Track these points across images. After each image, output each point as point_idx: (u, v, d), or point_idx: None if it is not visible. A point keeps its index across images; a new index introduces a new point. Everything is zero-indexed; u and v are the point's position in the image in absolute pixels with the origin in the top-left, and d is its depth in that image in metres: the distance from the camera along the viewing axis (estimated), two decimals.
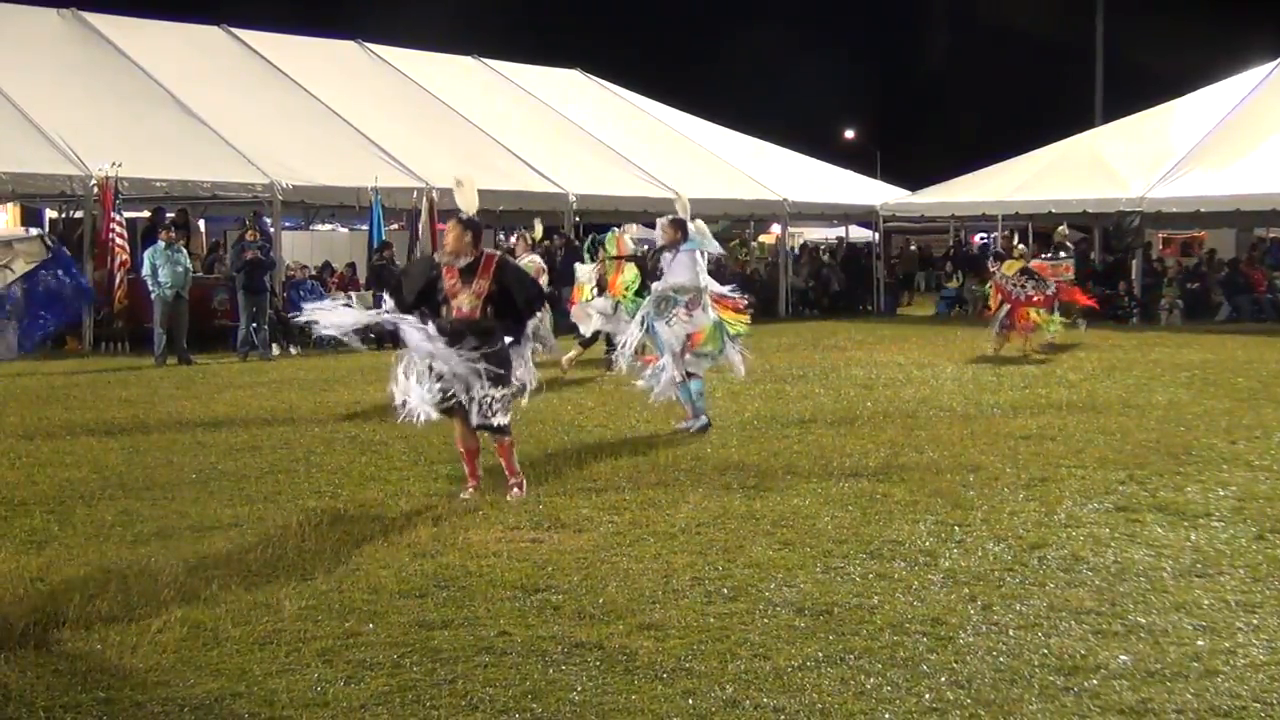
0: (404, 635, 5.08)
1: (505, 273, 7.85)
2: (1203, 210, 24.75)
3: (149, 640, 5.02)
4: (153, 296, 17.00)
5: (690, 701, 4.35)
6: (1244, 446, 9.51)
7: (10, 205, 21.62)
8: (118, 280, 18.47)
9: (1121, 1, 37.60)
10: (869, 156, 44.92)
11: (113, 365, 16.87)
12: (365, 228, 22.54)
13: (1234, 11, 48.10)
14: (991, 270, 18.07)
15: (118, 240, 18.52)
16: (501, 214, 24.62)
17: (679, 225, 10.62)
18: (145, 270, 17.20)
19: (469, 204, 7.93)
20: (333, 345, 10.57)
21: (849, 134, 53.56)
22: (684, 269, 10.36)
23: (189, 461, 9.14)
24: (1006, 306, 17.07)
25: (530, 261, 14.00)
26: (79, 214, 20.07)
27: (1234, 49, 30.54)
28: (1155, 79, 32.53)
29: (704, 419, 10.37)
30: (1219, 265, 26.70)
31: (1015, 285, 17.03)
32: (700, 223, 10.83)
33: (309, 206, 24.14)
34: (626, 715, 4.28)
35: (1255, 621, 5.24)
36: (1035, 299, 16.97)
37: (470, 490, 7.80)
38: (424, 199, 21.69)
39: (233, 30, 25.41)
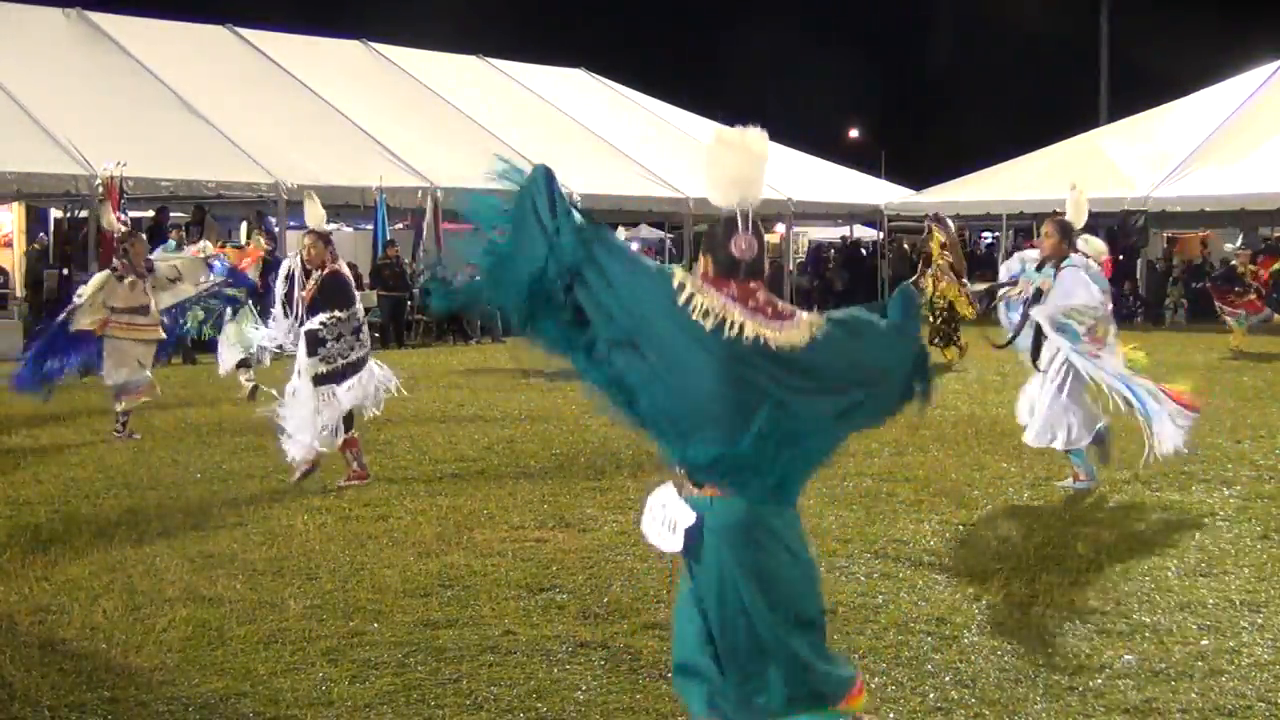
0: (409, 635, 5.09)
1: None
2: (1208, 210, 24.69)
3: (154, 639, 5.03)
4: None
5: None
6: (1249, 446, 9.49)
7: (15, 205, 21.63)
8: None
9: (1126, 1, 37.54)
10: (874, 156, 44.86)
11: None
12: (370, 227, 22.55)
13: (1238, 10, 48.02)
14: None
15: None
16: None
17: (1067, 231, 7.92)
18: None
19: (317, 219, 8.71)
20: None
21: (854, 133, 53.45)
22: (1081, 286, 7.68)
23: (194, 461, 9.15)
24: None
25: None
26: (84, 214, 20.10)
27: (1238, 48, 30.45)
28: (1160, 78, 32.41)
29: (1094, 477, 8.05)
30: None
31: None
32: (1094, 240, 8.32)
33: None
34: (631, 714, 4.29)
35: (1260, 620, 5.24)
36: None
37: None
38: (429, 199, 21.70)
39: (238, 30, 25.43)
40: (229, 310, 11.60)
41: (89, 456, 9.32)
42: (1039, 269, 7.96)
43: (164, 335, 10.79)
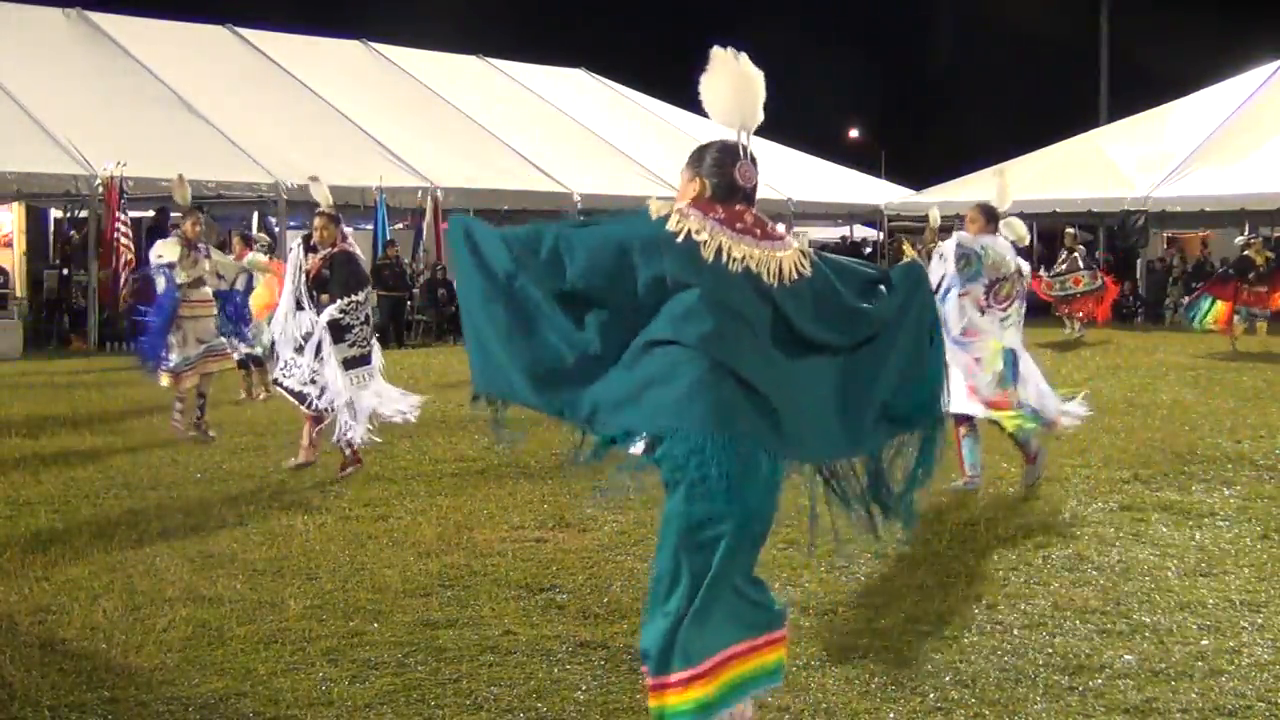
0: (409, 634, 5.09)
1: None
2: (1208, 210, 24.71)
3: (154, 639, 5.02)
4: None
5: None
6: (1249, 446, 9.49)
7: (15, 204, 21.64)
8: (123, 280, 18.50)
9: (1126, 1, 37.54)
10: (874, 156, 44.88)
11: (118, 364, 16.88)
12: (370, 227, 22.58)
13: (1238, 10, 48.05)
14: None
15: (123, 240, 18.57)
16: (506, 213, 24.67)
17: (991, 214, 7.91)
18: None
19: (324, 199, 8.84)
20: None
21: (854, 133, 53.45)
22: (1010, 249, 7.82)
23: (194, 461, 9.15)
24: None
25: None
26: (84, 214, 20.11)
27: (1239, 48, 30.48)
28: (1160, 78, 32.46)
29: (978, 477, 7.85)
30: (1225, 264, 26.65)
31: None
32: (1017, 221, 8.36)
33: (314, 206, 24.16)
34: (631, 714, 4.28)
35: (1260, 620, 5.24)
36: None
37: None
38: (429, 198, 21.70)
39: (238, 30, 25.47)
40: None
41: (90, 456, 9.32)
42: None
43: (215, 312, 10.71)
